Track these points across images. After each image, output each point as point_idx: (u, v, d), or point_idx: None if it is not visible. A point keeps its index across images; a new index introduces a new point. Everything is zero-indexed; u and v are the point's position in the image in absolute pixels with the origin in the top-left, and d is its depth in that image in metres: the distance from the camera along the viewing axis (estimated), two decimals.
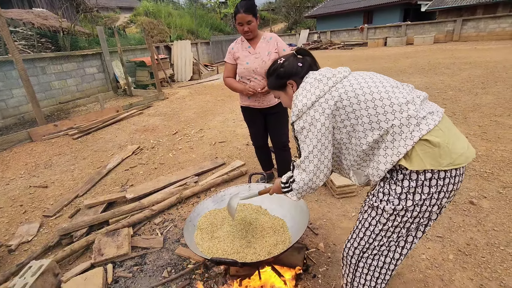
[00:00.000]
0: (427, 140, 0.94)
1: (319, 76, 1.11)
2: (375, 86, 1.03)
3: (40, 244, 2.20)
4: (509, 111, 4.05)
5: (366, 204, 1.12)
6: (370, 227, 1.09)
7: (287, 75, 1.21)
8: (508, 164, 2.71)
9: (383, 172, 1.00)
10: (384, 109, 0.99)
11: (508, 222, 1.99)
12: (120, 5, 24.24)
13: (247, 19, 1.99)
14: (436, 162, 0.93)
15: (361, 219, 1.14)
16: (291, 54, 1.26)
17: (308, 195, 2.48)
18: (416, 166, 0.93)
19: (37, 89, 6.61)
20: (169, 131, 4.74)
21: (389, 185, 1.01)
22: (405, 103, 0.98)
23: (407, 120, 0.96)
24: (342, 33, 20.23)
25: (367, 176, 1.08)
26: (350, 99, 1.02)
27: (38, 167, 3.67)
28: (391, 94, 1.01)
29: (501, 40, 13.98)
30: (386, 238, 1.07)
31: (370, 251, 1.12)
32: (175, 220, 2.36)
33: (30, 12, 9.83)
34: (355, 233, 1.17)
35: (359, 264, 1.17)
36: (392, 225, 1.03)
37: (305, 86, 1.11)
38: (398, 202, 0.99)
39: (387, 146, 0.98)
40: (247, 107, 2.37)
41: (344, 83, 1.06)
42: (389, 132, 0.98)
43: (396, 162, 0.97)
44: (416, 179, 0.95)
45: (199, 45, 13.79)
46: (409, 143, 0.94)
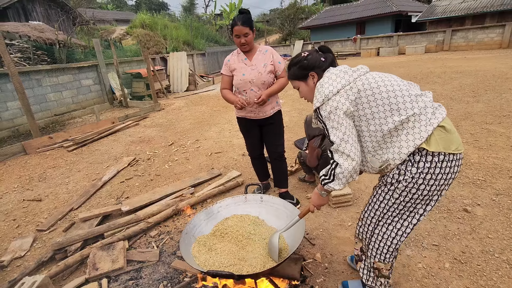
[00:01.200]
0: (443, 126, 1.10)
1: (344, 69, 1.25)
2: (393, 80, 1.19)
3: (33, 259, 2.16)
4: (500, 119, 4.14)
5: (381, 181, 1.25)
6: (384, 201, 1.24)
7: (310, 67, 1.32)
8: (500, 171, 2.75)
9: (405, 155, 1.11)
10: (404, 99, 1.13)
11: (501, 229, 2.01)
12: (117, 18, 24.55)
13: (244, 31, 2.04)
14: (447, 146, 1.09)
15: (376, 194, 1.28)
16: (314, 50, 1.37)
17: (304, 205, 2.49)
18: (433, 148, 1.07)
19: (32, 102, 6.60)
20: (165, 142, 4.74)
21: (405, 166, 1.13)
22: (420, 95, 1.15)
23: (425, 109, 1.12)
24: (336, 43, 20.61)
25: (387, 160, 1.16)
26: (373, 89, 1.15)
27: (32, 180, 3.64)
28: (408, 87, 1.17)
29: (489, 49, 14.37)
30: (398, 210, 1.22)
31: (384, 220, 1.28)
32: (171, 233, 2.34)
33: (26, 25, 9.89)
34: (371, 205, 1.32)
35: (375, 231, 1.34)
36: (404, 199, 1.18)
37: (330, 76, 1.23)
38: (411, 181, 1.12)
39: (408, 132, 1.11)
40: (242, 118, 2.39)
41: (367, 76, 1.21)
42: (410, 120, 1.11)
43: (419, 145, 1.09)
44: (430, 161, 1.09)
45: (195, 56, 13.93)
46: (430, 128, 1.09)
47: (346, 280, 1.66)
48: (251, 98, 2.20)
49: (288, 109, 6.10)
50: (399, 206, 1.20)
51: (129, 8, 37.60)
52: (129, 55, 10.83)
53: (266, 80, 2.15)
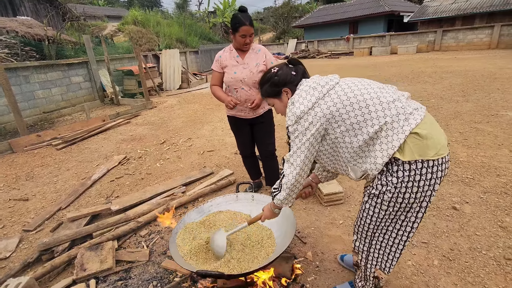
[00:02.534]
0: (417, 133, 1.05)
1: (313, 84, 1.19)
2: (364, 88, 1.14)
3: (18, 260, 2.11)
4: (488, 118, 4.21)
5: (367, 194, 1.21)
6: (375, 214, 1.21)
7: (282, 83, 1.28)
8: (488, 169, 2.80)
9: (381, 166, 1.09)
10: (375, 107, 1.09)
11: (489, 226, 2.04)
12: (108, 14, 24.17)
13: (251, 31, 2.04)
14: (424, 153, 1.04)
15: (365, 208, 1.24)
16: (283, 64, 1.33)
17: (296, 203, 2.49)
18: (408, 157, 1.04)
19: (20, 99, 6.44)
20: (157, 140, 4.68)
21: (385, 177, 1.10)
22: (392, 101, 1.10)
23: (397, 116, 1.08)
24: (329, 42, 20.72)
25: (365, 171, 1.15)
26: (343, 102, 1.12)
27: (19, 179, 3.55)
28: (379, 94, 1.12)
29: (479, 50, 14.64)
30: (390, 219, 1.20)
31: (379, 230, 1.25)
32: (161, 232, 2.31)
33: (14, 20, 9.64)
34: (363, 219, 1.27)
35: (372, 242, 1.30)
36: (393, 210, 1.15)
37: (300, 94, 1.18)
38: (394, 191, 1.09)
39: (382, 142, 1.08)
40: (233, 116, 2.38)
41: (337, 89, 1.15)
42: (383, 129, 1.08)
43: (392, 155, 1.06)
44: (409, 169, 1.05)
45: (188, 54, 13.81)
46: (401, 136, 1.05)
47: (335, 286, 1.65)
48: (242, 97, 2.19)
49: None
50: (390, 216, 1.18)
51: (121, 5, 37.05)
52: (121, 52, 10.66)
53: (257, 80, 2.13)
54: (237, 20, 2.02)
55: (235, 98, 2.17)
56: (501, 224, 2.05)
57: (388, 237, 1.26)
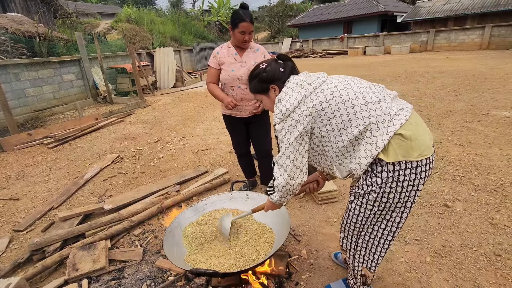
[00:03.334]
0: (401, 134, 1.05)
1: (300, 82, 1.17)
2: (350, 87, 1.13)
3: (9, 261, 2.07)
4: (479, 117, 4.29)
5: (352, 194, 1.23)
6: (360, 213, 1.22)
7: (269, 80, 1.27)
8: (479, 168, 2.85)
9: (365, 166, 1.09)
10: (360, 107, 1.08)
11: (479, 223, 2.08)
12: (101, 11, 23.83)
13: (251, 29, 2.03)
14: (407, 154, 1.05)
15: (351, 208, 1.26)
16: (272, 59, 1.31)
17: (290, 202, 2.50)
18: (392, 158, 1.05)
19: (10, 97, 6.31)
20: (151, 139, 4.64)
21: (370, 178, 1.11)
22: (378, 101, 1.10)
23: (381, 117, 1.07)
24: (324, 42, 20.81)
25: (350, 171, 1.16)
26: (329, 101, 1.11)
27: (9, 179, 3.48)
28: (365, 94, 1.11)
29: (470, 50, 14.87)
30: (376, 219, 1.22)
31: (365, 230, 1.27)
32: (155, 231, 2.29)
33: (4, 16, 9.44)
34: (349, 218, 1.29)
35: (358, 240, 1.32)
36: (378, 209, 1.17)
37: (287, 91, 1.16)
38: (379, 191, 1.10)
39: (367, 142, 1.08)
40: (228, 115, 2.37)
41: (323, 88, 1.14)
42: (367, 129, 1.08)
43: (376, 156, 1.06)
44: (392, 170, 1.06)
45: (182, 52, 13.72)
46: (386, 137, 1.05)
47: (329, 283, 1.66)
48: (238, 95, 2.18)
49: None
50: (376, 215, 1.19)
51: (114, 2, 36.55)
52: (114, 49, 10.53)
53: None
54: (237, 16, 1.99)
55: (234, 99, 2.15)
56: (491, 221, 2.09)
57: (374, 236, 1.28)
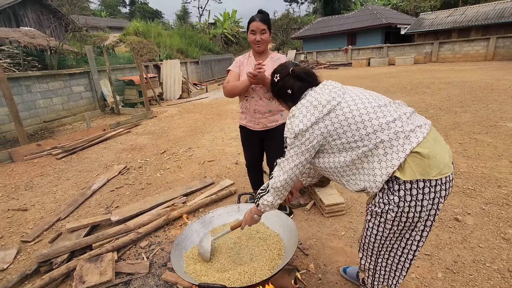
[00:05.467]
0: (418, 152, 1.03)
1: (314, 102, 1.17)
2: (364, 107, 1.12)
3: (16, 272, 2.07)
4: (487, 128, 4.25)
5: (369, 212, 1.21)
6: (379, 233, 1.19)
7: (277, 95, 1.39)
8: (489, 180, 2.81)
9: (381, 184, 1.08)
10: (373, 128, 1.09)
11: (492, 238, 2.03)
12: (110, 25, 24.53)
13: (262, 27, 1.94)
14: (426, 173, 1.02)
15: (369, 227, 1.23)
16: (287, 72, 1.30)
17: (297, 214, 2.48)
18: (408, 177, 1.02)
19: (21, 108, 6.46)
20: (157, 150, 4.68)
21: (387, 196, 1.09)
22: (392, 121, 1.09)
23: (395, 134, 1.06)
24: (328, 53, 21.02)
25: (364, 188, 1.14)
26: (341, 122, 1.12)
27: (18, 189, 3.52)
28: (379, 114, 1.11)
29: (475, 61, 14.88)
30: (395, 238, 1.19)
31: (385, 249, 1.24)
32: (162, 243, 2.28)
33: (17, 30, 9.78)
34: (367, 238, 1.26)
35: (378, 260, 1.29)
36: (397, 228, 1.14)
37: (301, 110, 1.17)
38: (397, 210, 1.07)
39: (381, 159, 1.07)
40: (244, 126, 2.28)
41: (337, 111, 1.13)
42: (379, 147, 1.07)
43: (392, 174, 1.05)
44: (410, 188, 1.04)
45: (189, 64, 13.96)
46: (402, 155, 1.04)
47: None
48: (251, 107, 2.11)
49: None
50: (395, 234, 1.17)
51: (122, 16, 37.69)
52: (122, 62, 10.78)
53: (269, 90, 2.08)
54: (250, 18, 1.97)
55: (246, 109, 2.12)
56: (504, 236, 2.04)
57: (393, 255, 1.25)
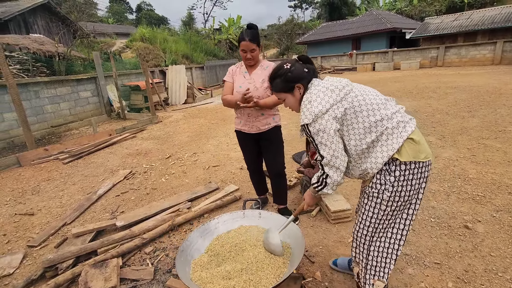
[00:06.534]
0: (412, 138, 1.23)
1: (331, 86, 1.29)
2: (374, 98, 1.29)
3: (22, 277, 2.08)
4: (496, 134, 4.18)
5: (366, 195, 1.33)
6: (374, 215, 1.31)
7: (296, 79, 1.36)
8: (499, 187, 2.75)
9: (381, 165, 1.23)
10: (381, 117, 1.25)
11: (504, 247, 1.98)
12: (117, 31, 24.94)
13: (251, 47, 2.06)
14: (417, 155, 1.22)
15: (364, 210, 1.34)
16: (294, 60, 1.41)
17: (303, 221, 2.45)
18: (405, 158, 1.21)
19: (29, 113, 6.57)
20: (162, 155, 4.70)
21: (384, 176, 1.24)
22: (394, 112, 1.27)
23: (397, 124, 1.24)
24: (332, 58, 21.02)
25: (365, 170, 1.27)
26: (355, 107, 1.25)
27: (25, 193, 3.56)
28: (386, 105, 1.28)
29: (482, 65, 14.72)
30: (387, 221, 1.32)
31: (377, 234, 1.34)
32: (166, 249, 2.27)
33: (27, 37, 9.99)
34: (361, 223, 1.36)
35: (370, 248, 1.37)
36: (390, 209, 1.28)
37: (318, 94, 1.27)
38: (392, 189, 1.24)
39: (383, 144, 1.23)
40: (239, 131, 2.38)
41: (351, 95, 1.27)
42: (383, 133, 1.24)
43: (391, 156, 1.21)
44: (404, 169, 1.22)
45: (194, 70, 14.09)
46: (400, 141, 1.22)
47: None
48: (245, 111, 2.21)
49: (286, 122, 6.12)
50: (387, 216, 1.29)
51: (129, 22, 38.29)
52: (128, 67, 10.92)
53: (261, 95, 2.14)
54: (240, 35, 2.08)
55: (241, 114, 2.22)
56: None
57: (385, 239, 1.35)
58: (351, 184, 3.08)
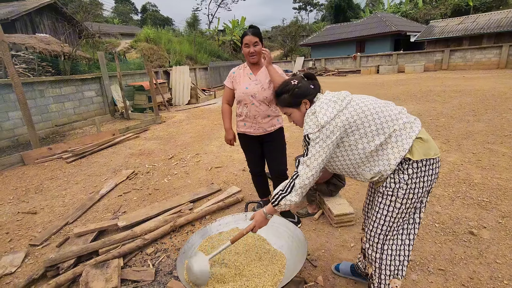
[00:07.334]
0: (420, 137, 1.28)
1: (333, 98, 1.36)
2: (371, 104, 1.33)
3: (24, 276, 2.08)
4: (501, 138, 4.13)
5: (380, 194, 1.35)
6: (389, 213, 1.33)
7: (302, 95, 1.42)
8: (505, 192, 2.71)
9: (395, 166, 1.27)
10: (386, 119, 1.29)
11: (510, 254, 1.94)
12: (122, 32, 25.09)
13: (254, 40, 2.10)
14: (427, 153, 1.27)
15: (378, 209, 1.36)
16: (300, 77, 1.49)
17: (305, 224, 2.43)
18: (417, 157, 1.25)
19: (34, 112, 6.62)
20: (165, 155, 4.70)
21: (398, 175, 1.28)
22: (398, 113, 1.32)
23: (403, 125, 1.29)
24: (336, 60, 20.98)
25: (378, 172, 1.30)
26: (359, 114, 1.30)
27: (29, 192, 3.57)
28: (387, 108, 1.33)
29: (487, 69, 14.60)
30: (402, 219, 1.34)
31: (391, 233, 1.37)
32: (168, 250, 2.26)
33: (33, 37, 10.08)
34: (376, 222, 1.38)
35: (384, 247, 1.39)
36: (405, 207, 1.31)
37: (322, 106, 1.33)
38: (406, 187, 1.27)
39: (393, 146, 1.27)
40: (242, 133, 2.38)
41: (352, 104, 1.33)
42: (392, 136, 1.28)
43: (404, 156, 1.26)
44: (417, 167, 1.26)
45: (198, 70, 14.13)
46: (410, 141, 1.26)
47: None
48: (251, 112, 2.21)
49: (289, 124, 6.09)
50: (402, 214, 1.32)
51: (134, 23, 38.56)
52: (133, 68, 10.97)
53: (268, 96, 2.15)
54: (243, 34, 2.14)
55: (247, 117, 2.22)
56: None
57: (398, 237, 1.38)
58: (354, 187, 3.06)
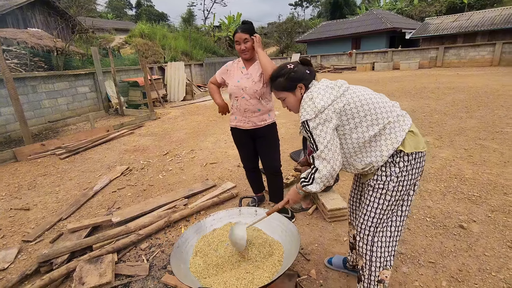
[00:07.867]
0: (412, 131, 1.30)
1: (330, 84, 1.36)
2: (368, 94, 1.35)
3: (16, 272, 2.07)
4: (493, 135, 4.19)
5: (370, 187, 1.36)
6: (379, 206, 1.34)
7: (298, 79, 1.41)
8: (495, 187, 2.76)
9: (386, 157, 1.28)
10: (381, 110, 1.30)
11: (498, 247, 1.99)
12: (116, 27, 24.75)
13: (244, 37, 2.10)
14: (417, 146, 1.29)
15: (369, 202, 1.37)
16: (297, 62, 1.47)
17: (299, 219, 2.46)
18: (408, 149, 1.27)
19: (27, 108, 6.53)
20: (160, 151, 4.69)
21: (389, 168, 1.29)
22: (392, 106, 1.34)
23: (397, 117, 1.30)
24: (332, 57, 21.01)
25: (370, 163, 1.31)
26: (355, 102, 1.30)
27: (21, 188, 3.54)
28: (382, 99, 1.35)
29: (481, 66, 14.76)
30: (391, 211, 1.36)
31: (381, 225, 1.38)
32: (162, 245, 2.27)
33: (25, 31, 9.91)
34: (366, 215, 1.39)
35: (374, 239, 1.39)
36: (395, 199, 1.32)
37: (319, 91, 1.33)
38: (396, 180, 1.29)
39: (387, 138, 1.28)
40: (235, 127, 2.38)
41: (350, 91, 1.34)
42: (386, 127, 1.29)
43: (396, 148, 1.27)
44: (407, 160, 1.28)
45: (193, 67, 14.03)
46: (403, 134, 1.28)
47: None
48: (241, 106, 2.21)
49: (284, 120, 6.12)
50: (391, 207, 1.34)
51: (129, 18, 38.07)
52: (127, 63, 10.86)
53: (258, 90, 2.15)
54: (234, 31, 2.16)
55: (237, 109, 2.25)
56: (511, 244, 2.00)
57: (388, 229, 1.39)
58: (348, 183, 3.09)
